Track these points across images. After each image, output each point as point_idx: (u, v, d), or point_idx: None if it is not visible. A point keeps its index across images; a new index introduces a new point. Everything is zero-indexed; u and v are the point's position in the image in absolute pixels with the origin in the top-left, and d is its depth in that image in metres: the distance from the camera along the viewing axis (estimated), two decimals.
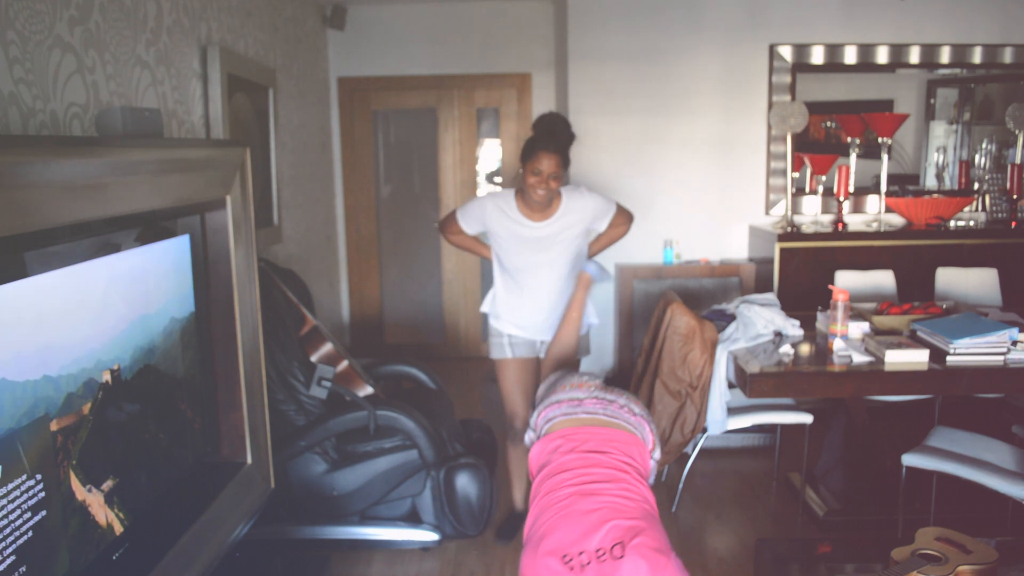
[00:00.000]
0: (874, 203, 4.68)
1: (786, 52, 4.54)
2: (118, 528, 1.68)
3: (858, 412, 3.23)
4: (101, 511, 1.62)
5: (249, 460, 2.22)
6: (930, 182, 4.95)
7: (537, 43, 5.23)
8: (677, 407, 3.09)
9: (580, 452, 1.96)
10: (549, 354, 2.79)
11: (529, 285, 2.93)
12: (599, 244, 3.09)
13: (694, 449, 3.38)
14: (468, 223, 2.97)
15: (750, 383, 2.68)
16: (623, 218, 3.02)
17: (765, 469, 3.71)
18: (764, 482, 3.58)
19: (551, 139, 2.76)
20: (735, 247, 4.73)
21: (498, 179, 5.53)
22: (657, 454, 2.14)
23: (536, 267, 2.90)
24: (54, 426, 1.44)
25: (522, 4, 5.18)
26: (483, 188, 5.55)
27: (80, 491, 1.53)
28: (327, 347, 3.07)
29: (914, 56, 4.57)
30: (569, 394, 2.15)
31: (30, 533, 1.37)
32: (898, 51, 4.56)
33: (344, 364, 3.06)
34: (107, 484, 1.63)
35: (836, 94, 4.86)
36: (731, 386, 3.10)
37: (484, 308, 3.09)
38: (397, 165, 5.65)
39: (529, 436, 2.22)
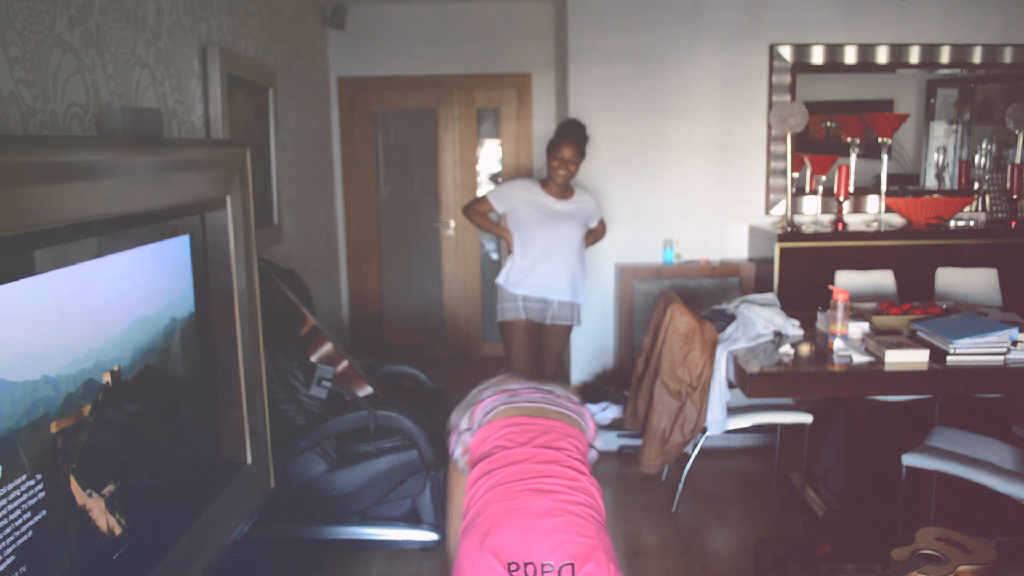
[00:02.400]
0: (874, 203, 4.68)
1: (786, 52, 4.54)
2: (118, 528, 1.68)
3: (858, 412, 3.23)
4: (102, 516, 1.61)
5: (249, 460, 2.23)
6: (930, 182, 4.95)
7: (537, 43, 5.23)
8: (677, 407, 3.09)
9: (532, 446, 1.83)
10: None
11: (546, 251, 3.60)
12: (587, 241, 3.84)
13: (694, 449, 3.38)
14: (498, 201, 3.67)
15: (750, 383, 2.68)
16: (602, 225, 3.92)
17: (765, 469, 3.71)
18: (764, 482, 3.58)
19: (570, 135, 3.62)
20: (735, 247, 4.73)
21: (499, 180, 5.53)
22: (598, 443, 2.02)
23: (554, 236, 3.61)
24: (54, 427, 1.44)
25: (522, 4, 5.18)
26: (483, 188, 5.54)
27: (80, 495, 1.53)
28: (327, 347, 3.07)
29: (914, 56, 4.57)
30: (501, 387, 2.03)
31: (30, 533, 1.37)
32: (898, 51, 4.56)
33: (344, 364, 3.06)
34: (108, 489, 1.63)
35: (836, 94, 4.86)
36: (731, 386, 3.10)
37: (499, 280, 3.71)
38: (397, 165, 5.65)
39: (458, 448, 1.98)
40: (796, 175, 4.47)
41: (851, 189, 4.34)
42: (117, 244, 1.69)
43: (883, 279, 3.96)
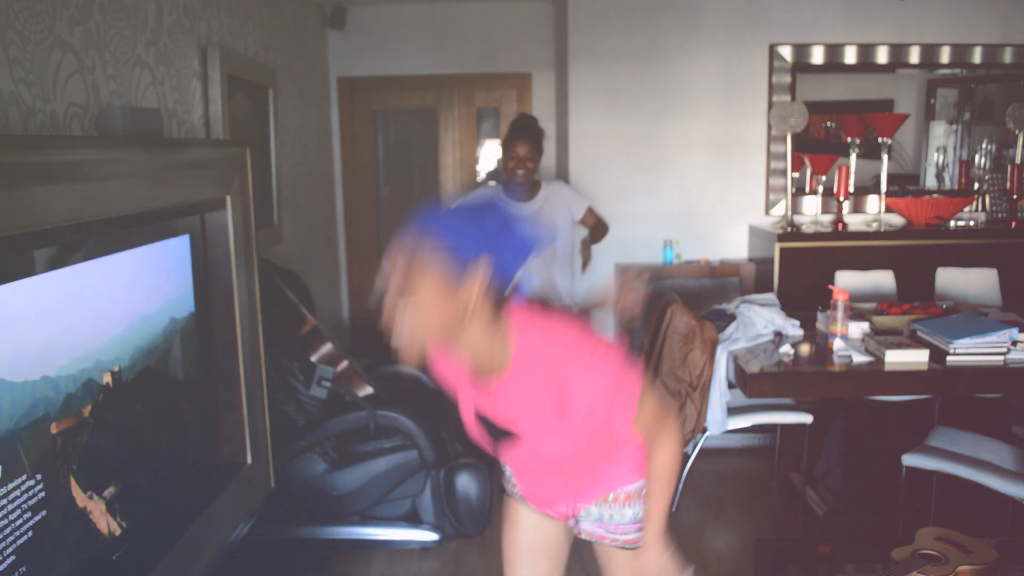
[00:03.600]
0: (874, 203, 4.67)
1: (786, 52, 4.53)
2: (118, 529, 1.68)
3: (858, 412, 3.23)
4: (103, 519, 1.61)
5: (249, 460, 2.22)
6: (930, 182, 4.95)
7: (537, 43, 5.22)
8: (677, 407, 3.09)
9: None
10: None
11: None
12: (585, 249, 3.65)
13: (694, 449, 3.38)
14: None
15: (750, 383, 2.68)
16: (593, 216, 3.65)
17: (765, 469, 3.71)
18: (764, 482, 3.58)
19: (522, 130, 3.40)
20: (735, 247, 4.73)
21: (493, 183, 5.52)
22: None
23: None
24: (54, 428, 1.43)
25: (522, 4, 5.17)
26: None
27: (81, 498, 1.53)
28: (327, 347, 3.07)
29: (914, 56, 4.57)
30: None
31: (30, 534, 1.37)
32: (898, 51, 4.56)
33: (344, 364, 3.06)
34: (108, 491, 1.63)
35: (836, 94, 4.86)
36: (731, 386, 3.10)
37: None
38: (397, 165, 5.65)
39: None
40: (796, 175, 4.47)
41: (851, 189, 4.34)
42: (117, 244, 1.69)
43: (883, 279, 3.96)
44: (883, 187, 4.48)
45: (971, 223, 4.43)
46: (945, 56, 4.57)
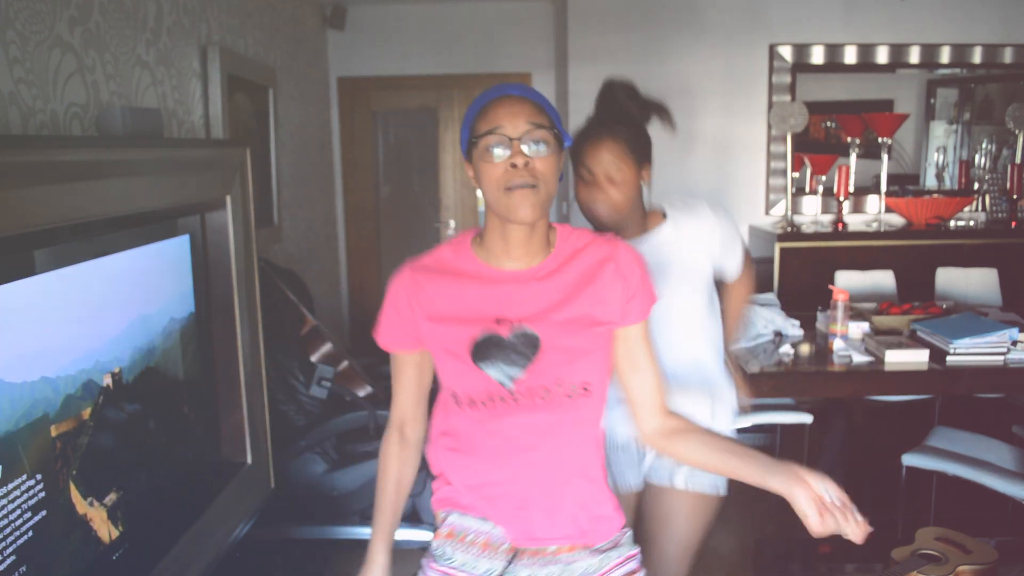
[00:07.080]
0: (874, 203, 4.67)
1: (786, 52, 4.53)
2: (116, 532, 1.68)
3: (858, 412, 3.23)
4: (104, 526, 1.60)
5: (249, 460, 2.22)
6: (930, 182, 4.95)
7: (537, 43, 5.22)
8: None
9: None
10: None
11: None
12: (730, 324, 2.74)
13: None
14: None
15: (750, 383, 2.67)
16: (749, 262, 2.80)
17: None
18: None
19: (600, 123, 2.02)
20: None
21: None
22: None
23: None
24: (53, 431, 1.43)
25: (522, 4, 5.17)
26: None
27: (81, 504, 1.52)
28: (327, 347, 3.07)
29: (914, 56, 4.57)
30: None
31: (29, 534, 1.37)
32: (898, 51, 4.56)
33: (344, 364, 3.06)
34: (109, 497, 1.62)
35: (836, 94, 4.86)
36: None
37: None
38: (397, 165, 5.65)
39: None
40: (796, 175, 4.47)
41: (851, 189, 4.34)
42: (117, 244, 1.69)
43: (883, 279, 3.96)
44: (883, 187, 4.48)
45: (971, 223, 4.43)
46: (945, 56, 4.57)
